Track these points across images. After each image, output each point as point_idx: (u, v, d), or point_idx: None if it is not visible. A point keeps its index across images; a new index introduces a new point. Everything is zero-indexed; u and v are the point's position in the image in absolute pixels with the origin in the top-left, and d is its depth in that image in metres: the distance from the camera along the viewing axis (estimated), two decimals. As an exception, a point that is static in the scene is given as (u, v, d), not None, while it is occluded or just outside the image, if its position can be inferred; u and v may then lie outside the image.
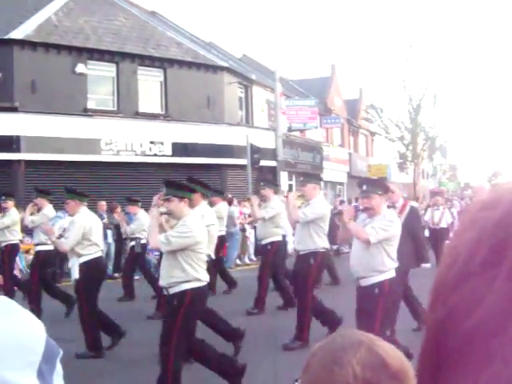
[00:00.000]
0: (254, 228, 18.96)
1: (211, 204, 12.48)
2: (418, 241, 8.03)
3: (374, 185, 6.12)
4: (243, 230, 17.85)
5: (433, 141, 34.48)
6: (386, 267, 5.88)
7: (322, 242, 8.11)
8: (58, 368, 1.08)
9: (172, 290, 5.68)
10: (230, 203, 17.13)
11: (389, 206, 8.23)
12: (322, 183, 30.33)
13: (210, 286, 11.57)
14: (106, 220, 14.95)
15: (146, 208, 16.08)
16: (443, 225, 16.03)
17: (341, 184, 34.45)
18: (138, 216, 12.06)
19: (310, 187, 8.34)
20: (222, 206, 12.33)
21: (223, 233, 12.39)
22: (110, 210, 15.15)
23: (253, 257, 18.78)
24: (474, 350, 0.55)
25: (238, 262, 17.72)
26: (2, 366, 1.00)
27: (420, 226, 8.37)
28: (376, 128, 36.61)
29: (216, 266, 11.97)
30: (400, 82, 32.34)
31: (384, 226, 5.83)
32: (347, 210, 6.47)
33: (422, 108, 32.59)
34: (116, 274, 14.09)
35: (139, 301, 11.46)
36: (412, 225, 7.89)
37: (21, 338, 1.03)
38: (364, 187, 6.06)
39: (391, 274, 5.93)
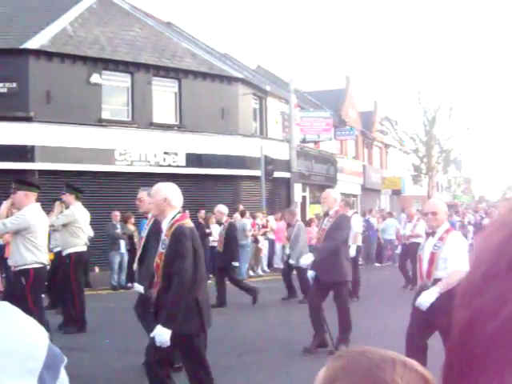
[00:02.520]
0: (268, 240, 18.95)
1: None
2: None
3: (19, 183, 7.31)
4: (256, 241, 17.77)
5: (447, 153, 34.34)
6: (27, 260, 7.05)
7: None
8: (63, 375, 1.07)
9: None
10: (243, 215, 17.05)
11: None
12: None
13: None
14: (119, 230, 14.94)
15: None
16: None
17: (355, 196, 34.36)
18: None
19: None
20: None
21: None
22: (124, 220, 15.13)
23: (266, 268, 18.77)
24: (499, 350, 0.56)
25: (252, 273, 17.65)
26: (0, 372, 0.97)
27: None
28: (390, 140, 36.58)
29: None
30: (415, 94, 32.38)
31: (14, 220, 7.03)
32: None
33: (437, 120, 32.51)
34: (129, 284, 13.98)
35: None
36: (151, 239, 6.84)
37: (21, 345, 1.02)
38: (12, 185, 7.23)
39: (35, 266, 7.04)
